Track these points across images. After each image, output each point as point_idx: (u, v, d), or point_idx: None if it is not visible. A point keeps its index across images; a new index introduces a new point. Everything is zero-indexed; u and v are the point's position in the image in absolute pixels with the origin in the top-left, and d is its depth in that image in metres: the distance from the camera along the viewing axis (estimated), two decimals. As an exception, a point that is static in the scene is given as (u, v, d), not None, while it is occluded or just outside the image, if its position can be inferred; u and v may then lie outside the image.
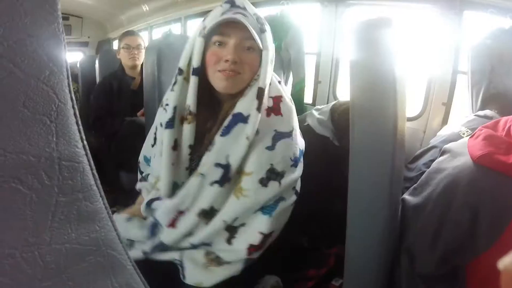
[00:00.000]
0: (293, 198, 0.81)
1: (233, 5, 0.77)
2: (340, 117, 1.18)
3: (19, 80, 0.22)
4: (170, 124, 0.78)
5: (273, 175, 0.76)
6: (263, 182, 0.75)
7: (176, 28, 3.00)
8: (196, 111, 0.77)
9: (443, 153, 0.93)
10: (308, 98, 2.05)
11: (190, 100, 0.77)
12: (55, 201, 0.25)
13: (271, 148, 0.76)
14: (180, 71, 0.79)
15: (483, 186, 0.72)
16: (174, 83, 0.80)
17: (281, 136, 0.78)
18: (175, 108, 0.78)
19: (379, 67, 0.65)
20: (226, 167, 0.75)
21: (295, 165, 0.80)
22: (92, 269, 0.28)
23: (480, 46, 1.56)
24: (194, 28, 0.84)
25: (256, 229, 0.77)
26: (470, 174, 0.74)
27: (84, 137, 0.27)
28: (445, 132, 1.39)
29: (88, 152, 0.27)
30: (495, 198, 0.69)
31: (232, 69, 0.74)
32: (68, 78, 0.25)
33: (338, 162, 1.11)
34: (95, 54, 3.61)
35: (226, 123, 0.76)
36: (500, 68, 1.51)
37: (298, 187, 0.84)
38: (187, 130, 0.78)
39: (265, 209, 0.77)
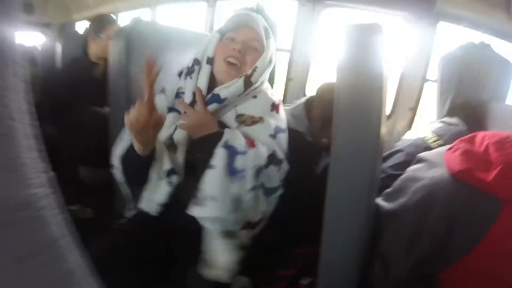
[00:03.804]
0: (282, 188, 0.88)
1: (251, 10, 0.95)
2: (314, 109, 1.16)
3: None
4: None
5: (274, 160, 0.83)
6: (266, 165, 0.82)
7: (145, 15, 2.84)
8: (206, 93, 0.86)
9: (418, 161, 0.94)
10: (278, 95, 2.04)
11: (202, 86, 0.86)
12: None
13: (273, 136, 0.85)
14: (197, 61, 0.89)
15: (460, 200, 0.73)
16: (190, 72, 0.88)
17: (280, 130, 0.88)
18: (194, 93, 0.85)
19: (368, 72, 0.64)
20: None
21: (285, 156, 0.89)
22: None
23: (451, 57, 1.63)
24: (165, 15, 0.89)
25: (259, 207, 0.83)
26: (447, 187, 0.76)
27: (47, 168, 0.19)
28: (410, 136, 1.42)
29: (55, 188, 0.19)
30: (472, 213, 0.71)
31: (236, 57, 0.85)
32: (20, 78, 0.18)
33: (309, 159, 1.11)
34: (58, 37, 3.32)
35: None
36: (468, 79, 1.59)
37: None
38: None
39: (267, 190, 0.83)
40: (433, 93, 1.72)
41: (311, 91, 1.95)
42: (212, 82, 0.88)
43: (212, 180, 0.75)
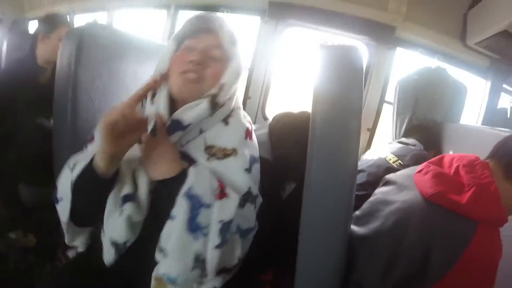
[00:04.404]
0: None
1: (208, 15, 0.78)
2: (278, 135, 1.14)
3: None
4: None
5: (250, 197, 0.71)
6: (241, 203, 0.70)
7: (101, 18, 2.68)
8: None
9: (386, 183, 0.95)
10: None
11: (161, 109, 0.72)
12: None
13: (248, 170, 0.72)
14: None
15: (435, 224, 0.73)
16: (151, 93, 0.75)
17: (254, 160, 0.76)
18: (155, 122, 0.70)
19: (347, 97, 0.61)
20: None
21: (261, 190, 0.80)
22: None
23: (407, 80, 1.74)
24: (123, 21, 0.78)
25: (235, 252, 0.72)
26: (421, 211, 0.75)
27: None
28: (370, 156, 1.46)
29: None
30: (447, 236, 0.71)
31: (194, 71, 0.71)
32: None
33: (275, 185, 1.07)
34: (7, 34, 3.01)
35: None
36: (423, 101, 1.71)
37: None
38: None
39: (243, 231, 0.71)
40: (390, 115, 1.81)
41: (269, 110, 1.97)
42: (173, 102, 0.74)
43: (171, 234, 0.63)
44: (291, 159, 1.00)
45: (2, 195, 1.31)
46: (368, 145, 1.87)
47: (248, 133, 0.77)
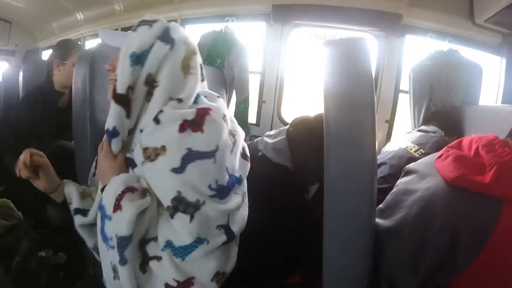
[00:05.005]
0: (221, 239, 0.64)
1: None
2: (296, 142, 1.14)
3: None
4: None
5: (181, 205, 0.62)
6: (170, 212, 0.63)
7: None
8: None
9: (407, 173, 0.92)
10: (251, 118, 2.03)
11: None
12: None
13: (179, 170, 0.62)
14: None
15: (460, 207, 0.72)
16: None
17: (196, 156, 0.62)
18: None
19: (358, 90, 0.61)
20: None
21: (219, 195, 0.64)
22: None
23: (420, 67, 1.69)
24: None
25: (168, 273, 0.63)
26: (445, 196, 0.74)
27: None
28: (390, 148, 1.43)
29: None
30: (473, 218, 0.70)
31: (111, 78, 0.71)
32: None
33: (297, 191, 1.08)
34: (22, 64, 3.17)
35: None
36: (439, 87, 1.66)
37: (235, 225, 0.67)
38: None
39: (177, 250, 0.63)
40: (407, 104, 1.77)
41: (285, 112, 1.98)
42: None
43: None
44: (310, 164, 1.00)
45: (31, 216, 1.37)
46: (388, 137, 1.84)
47: (188, 124, 0.65)
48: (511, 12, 1.42)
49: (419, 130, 1.50)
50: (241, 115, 1.89)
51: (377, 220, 0.86)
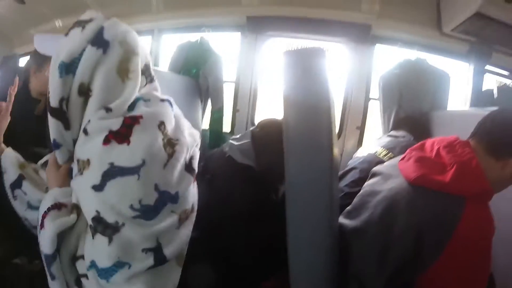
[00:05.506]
0: (147, 263, 0.58)
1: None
2: (261, 142, 1.18)
3: None
4: None
5: (99, 226, 0.57)
6: (91, 231, 0.58)
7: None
8: None
9: (372, 175, 0.96)
10: (226, 127, 2.07)
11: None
12: None
13: (98, 188, 0.57)
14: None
15: (422, 205, 0.74)
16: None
17: (118, 172, 0.56)
18: None
19: (314, 96, 0.64)
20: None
21: (144, 216, 0.58)
22: None
23: (389, 75, 1.77)
24: None
25: None
26: (407, 195, 0.76)
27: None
28: (361, 154, 1.48)
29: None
30: (437, 216, 0.72)
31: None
32: None
33: (264, 190, 1.09)
34: (-2, 71, 3.07)
35: None
36: (408, 94, 1.72)
37: (169, 247, 0.61)
38: None
39: (100, 271, 0.57)
40: (377, 110, 1.84)
41: (259, 120, 2.03)
42: None
43: None
44: (277, 164, 1.03)
45: (6, 223, 1.34)
46: (359, 143, 1.90)
47: (108, 138, 0.59)
48: (477, 21, 1.49)
49: (388, 136, 1.56)
50: (216, 124, 1.93)
51: (344, 221, 0.88)
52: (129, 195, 0.57)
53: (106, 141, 0.58)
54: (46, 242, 0.58)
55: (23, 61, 3.16)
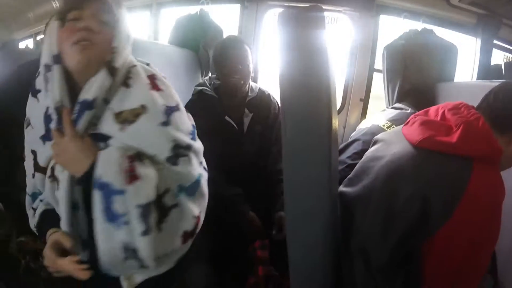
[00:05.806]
0: (206, 173, 0.80)
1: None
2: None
3: None
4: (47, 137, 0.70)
5: (180, 150, 0.71)
6: (172, 160, 0.69)
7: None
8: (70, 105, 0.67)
9: (374, 143, 0.93)
10: None
11: (59, 95, 0.67)
12: None
13: (166, 123, 0.70)
14: (47, 67, 0.68)
15: (429, 170, 0.72)
16: (46, 83, 0.69)
17: (170, 109, 0.72)
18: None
19: (312, 61, 0.61)
20: None
21: (193, 138, 0.77)
22: None
23: (394, 46, 1.71)
24: None
25: (190, 213, 0.71)
26: (412, 159, 0.74)
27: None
28: (364, 125, 1.45)
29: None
30: (444, 179, 0.70)
31: (85, 38, 0.65)
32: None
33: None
34: (-1, 56, 3.04)
35: (74, 116, 0.67)
36: (412, 65, 1.66)
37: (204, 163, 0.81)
38: None
39: (188, 189, 0.71)
40: (381, 83, 1.79)
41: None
42: (73, 86, 0.68)
43: (96, 229, 0.63)
44: None
45: (11, 205, 1.38)
46: (363, 115, 1.87)
47: (153, 85, 0.73)
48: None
49: (393, 108, 1.53)
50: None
51: (346, 189, 0.86)
52: (185, 123, 0.75)
53: (152, 87, 0.72)
54: (147, 190, 0.64)
55: (22, 45, 3.13)
